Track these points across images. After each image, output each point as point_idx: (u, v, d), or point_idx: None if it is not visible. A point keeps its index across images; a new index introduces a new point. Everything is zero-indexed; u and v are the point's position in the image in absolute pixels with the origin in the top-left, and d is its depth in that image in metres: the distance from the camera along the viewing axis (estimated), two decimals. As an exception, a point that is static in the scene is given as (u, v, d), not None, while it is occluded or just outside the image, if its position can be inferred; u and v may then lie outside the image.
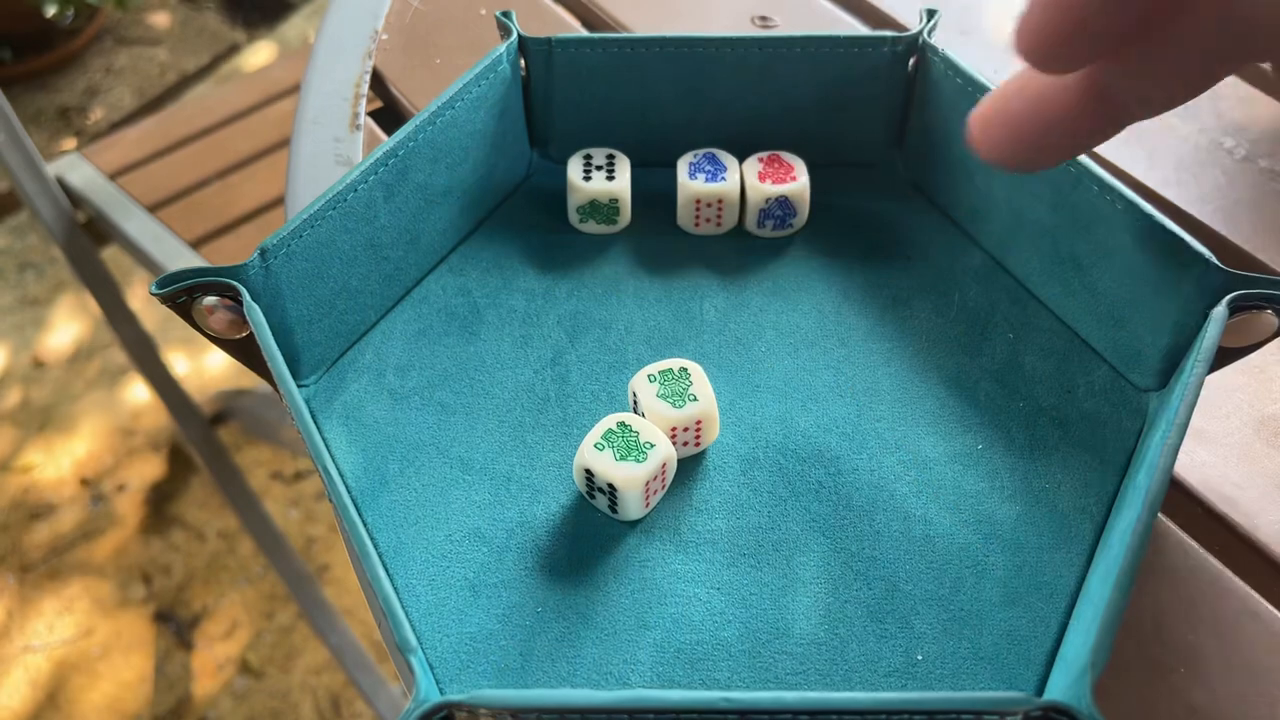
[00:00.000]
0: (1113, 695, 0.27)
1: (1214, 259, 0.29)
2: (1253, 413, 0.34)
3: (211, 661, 1.17)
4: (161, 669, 1.16)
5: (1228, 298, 0.29)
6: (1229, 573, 0.30)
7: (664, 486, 0.30)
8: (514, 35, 0.37)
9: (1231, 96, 0.45)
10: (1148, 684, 0.28)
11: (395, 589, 0.28)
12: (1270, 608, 0.29)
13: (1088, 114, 0.23)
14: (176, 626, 1.20)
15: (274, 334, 0.30)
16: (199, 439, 1.10)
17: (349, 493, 0.30)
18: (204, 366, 1.41)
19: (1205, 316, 0.29)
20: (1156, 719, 0.27)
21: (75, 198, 0.99)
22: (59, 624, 1.20)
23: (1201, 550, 0.30)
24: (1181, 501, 0.32)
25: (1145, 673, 0.28)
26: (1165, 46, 0.21)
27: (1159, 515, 0.31)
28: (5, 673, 1.17)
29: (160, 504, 1.30)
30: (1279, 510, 0.31)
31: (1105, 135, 0.24)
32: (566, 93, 0.38)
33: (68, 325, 1.50)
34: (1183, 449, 0.33)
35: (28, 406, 1.40)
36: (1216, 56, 0.21)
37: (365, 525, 0.30)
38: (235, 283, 0.30)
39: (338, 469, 0.31)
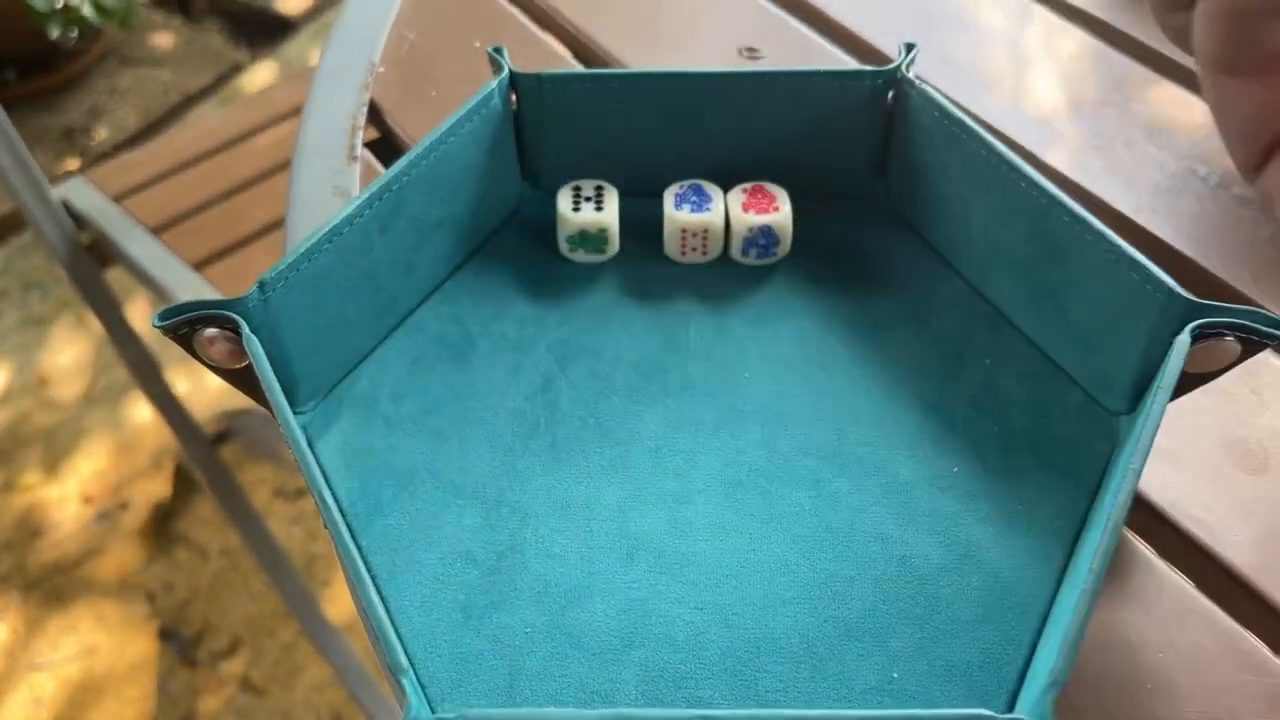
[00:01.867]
0: (1081, 712, 0.28)
1: (1178, 288, 0.30)
2: (1221, 436, 0.35)
3: (214, 679, 1.18)
4: (165, 687, 1.17)
5: (1190, 326, 0.30)
6: (1197, 593, 0.31)
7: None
8: (505, 71, 0.38)
9: (1205, 125, 0.46)
10: (1116, 701, 0.29)
11: (389, 611, 0.29)
12: (1237, 626, 0.30)
13: None
14: (179, 644, 1.21)
15: (272, 363, 0.31)
16: (201, 458, 1.11)
17: (344, 518, 0.31)
18: (206, 386, 1.42)
19: (1171, 343, 0.30)
20: (1123, 734, 0.28)
21: (79, 219, 1.00)
22: (63, 642, 1.21)
23: (1171, 570, 0.31)
24: (1151, 523, 0.33)
25: (1114, 691, 0.29)
26: None
27: (1130, 537, 0.32)
28: (10, 691, 1.18)
29: (163, 522, 1.31)
30: (1246, 531, 0.32)
31: None
32: (556, 126, 0.39)
33: (71, 345, 1.51)
34: (1153, 472, 0.34)
35: (31, 425, 1.42)
36: None
37: (360, 549, 0.31)
38: (234, 315, 0.31)
39: (333, 495, 0.32)
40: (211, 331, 0.31)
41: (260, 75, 1.98)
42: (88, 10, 1.70)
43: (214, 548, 1.28)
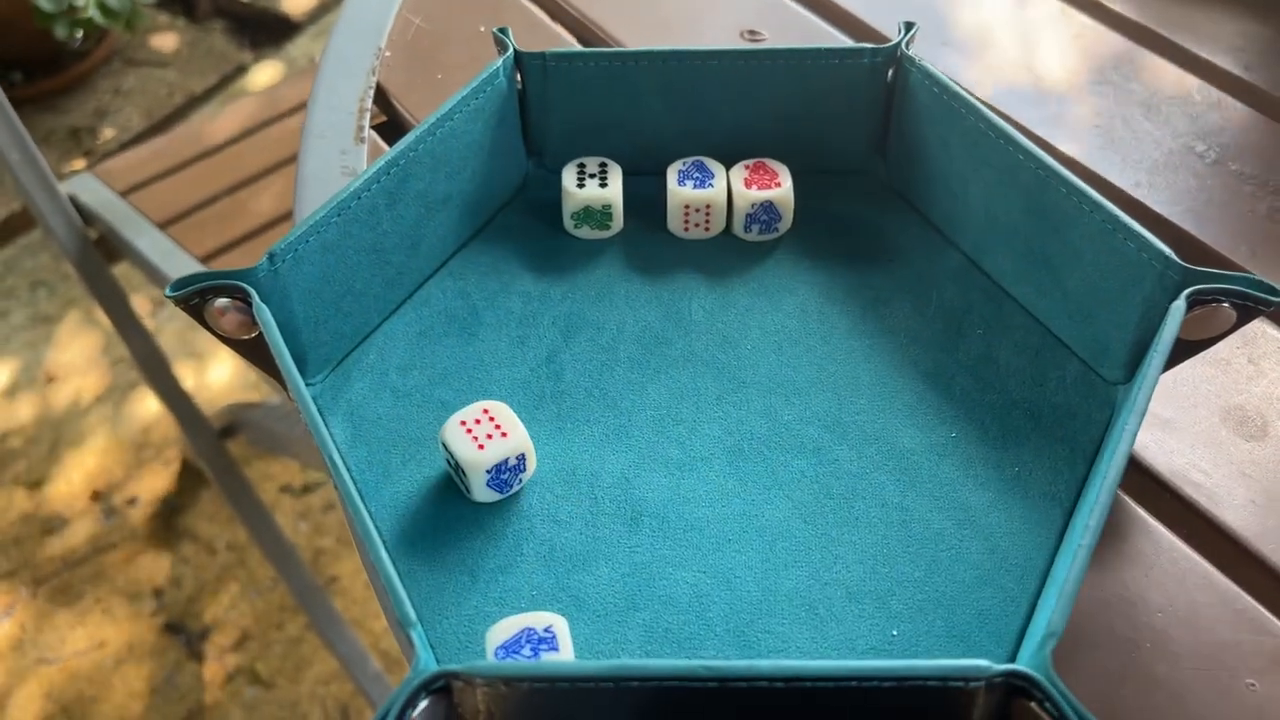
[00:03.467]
0: (1080, 669, 0.29)
1: (1174, 256, 0.31)
2: (1219, 403, 0.35)
3: (222, 672, 1.18)
4: (172, 680, 1.18)
5: (1186, 292, 0.30)
6: (1194, 554, 0.31)
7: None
8: (510, 50, 0.39)
9: (1203, 102, 0.47)
10: (1114, 659, 0.29)
11: (398, 572, 0.30)
12: (1234, 587, 0.31)
13: None
14: (187, 638, 1.21)
15: (282, 334, 0.32)
16: (209, 452, 1.12)
17: (354, 483, 0.32)
18: (213, 381, 1.43)
19: (1168, 310, 0.31)
20: (1122, 689, 0.28)
21: (87, 215, 1.01)
22: (71, 636, 1.22)
23: (1169, 533, 0.32)
24: (1150, 488, 0.33)
25: (1113, 649, 0.29)
26: None
27: (1129, 501, 0.33)
28: (19, 685, 1.18)
29: (170, 517, 1.32)
30: (1243, 494, 0.33)
31: None
32: (561, 104, 0.40)
33: (79, 342, 1.52)
34: (1152, 438, 0.34)
35: (40, 421, 1.42)
36: None
37: (370, 514, 0.31)
38: (245, 285, 0.31)
39: (344, 461, 0.32)
40: (223, 302, 0.32)
41: (264, 75, 1.98)
42: (93, 12, 1.71)
43: (221, 542, 1.29)
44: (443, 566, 0.30)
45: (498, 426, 0.31)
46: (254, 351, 0.33)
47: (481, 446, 0.31)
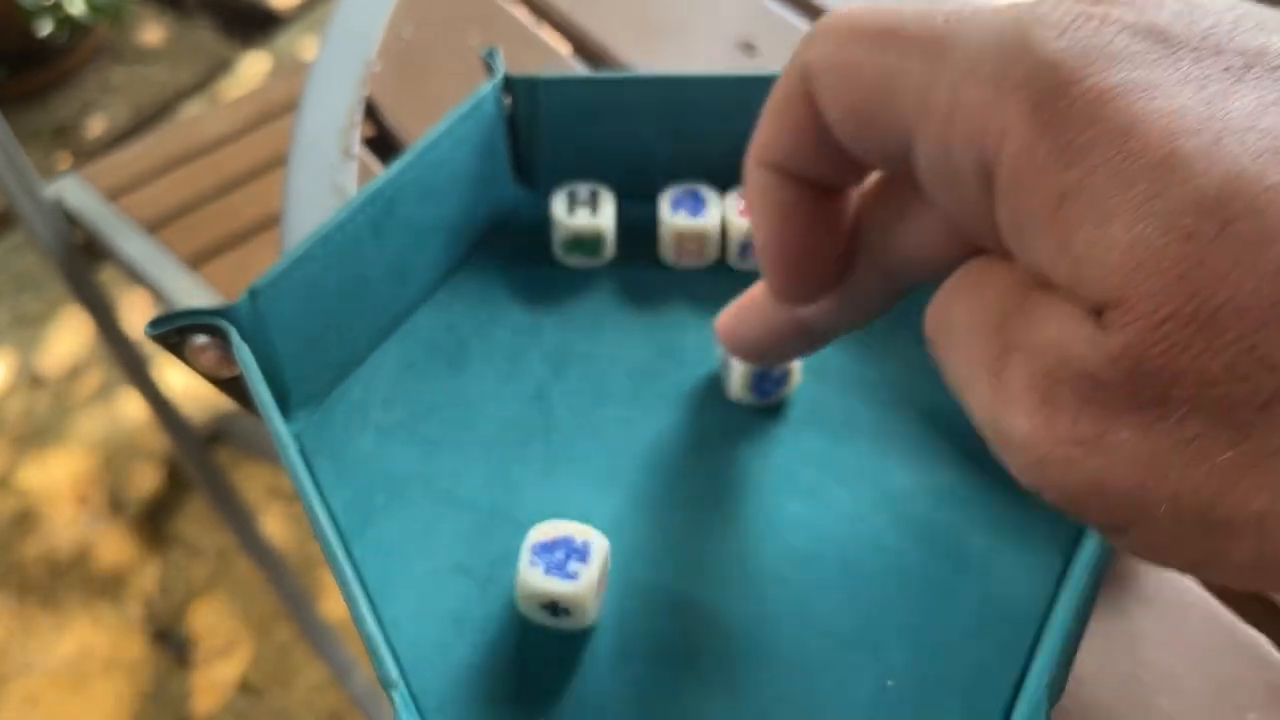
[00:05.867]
0: (1080, 702, 0.28)
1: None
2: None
3: (211, 680, 1.17)
4: (161, 688, 1.17)
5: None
6: (1197, 586, 0.31)
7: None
8: (499, 74, 0.38)
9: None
10: (1115, 692, 0.29)
11: (380, 622, 0.29)
12: (1238, 620, 0.30)
13: (790, 337, 0.29)
14: (175, 645, 1.20)
15: (263, 371, 0.31)
16: (195, 457, 1.11)
17: (336, 528, 0.31)
18: (200, 385, 1.42)
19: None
20: (1123, 745, 0.28)
21: (72, 218, 1.00)
22: (57, 643, 1.21)
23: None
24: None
25: (1115, 684, 0.29)
26: (849, 292, 0.27)
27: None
28: (4, 692, 1.17)
29: (158, 522, 1.31)
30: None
31: (813, 349, 0.30)
32: (551, 130, 0.39)
33: (64, 343, 1.51)
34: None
35: (25, 424, 1.41)
36: (886, 296, 0.26)
37: (352, 559, 0.30)
38: (224, 323, 0.31)
39: (324, 504, 0.31)
40: (202, 339, 0.31)
41: (252, 69, 1.97)
42: (78, 7, 1.70)
43: (208, 547, 1.28)
44: (427, 614, 0.29)
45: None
46: (234, 389, 0.32)
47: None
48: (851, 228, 0.26)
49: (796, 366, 0.34)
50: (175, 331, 0.31)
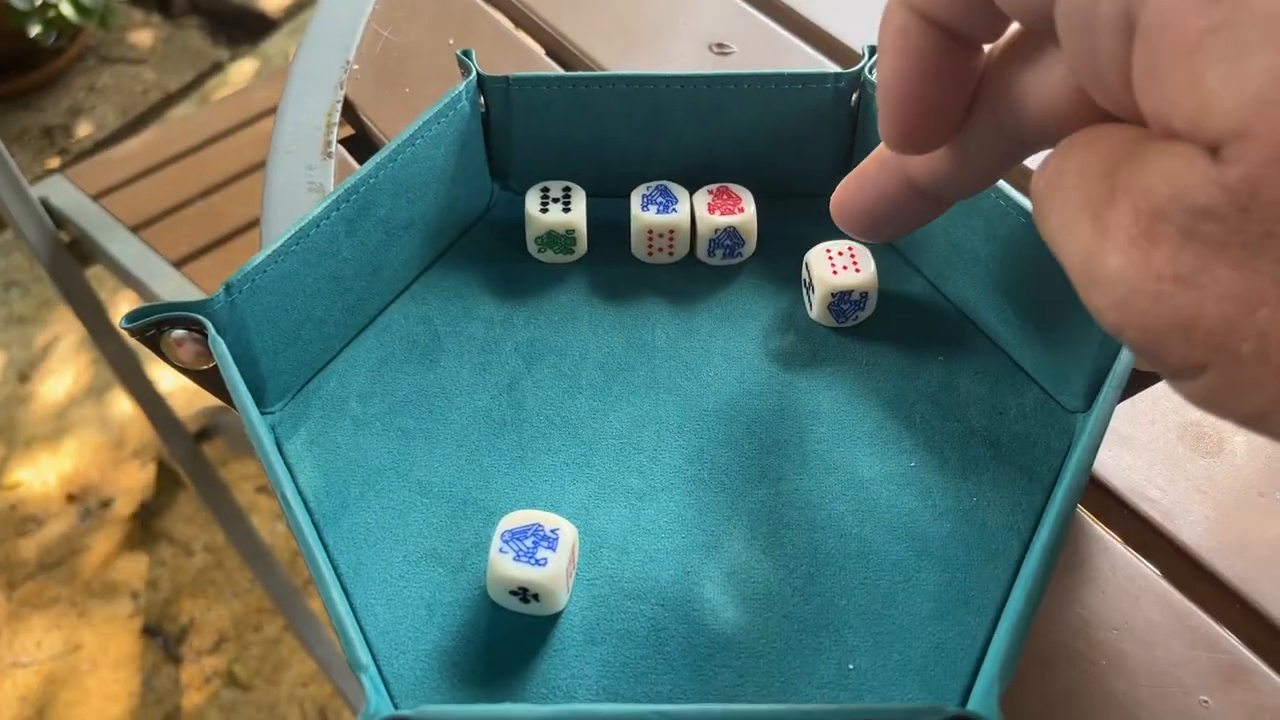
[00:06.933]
0: (1036, 686, 0.29)
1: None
2: (1176, 419, 0.36)
3: (199, 674, 1.18)
4: (150, 683, 1.17)
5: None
6: (1150, 570, 0.32)
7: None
8: (473, 74, 0.39)
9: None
10: (1070, 676, 0.29)
11: (354, 608, 0.30)
12: (1189, 604, 0.31)
13: (901, 202, 0.29)
14: (164, 640, 1.21)
15: (239, 364, 0.32)
16: (184, 454, 1.12)
17: (310, 517, 0.31)
18: (188, 383, 1.42)
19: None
20: (1077, 706, 0.29)
21: (59, 219, 1.00)
22: (47, 639, 1.21)
23: (1126, 550, 0.32)
24: (1108, 504, 0.34)
25: (1068, 666, 0.30)
26: (964, 150, 0.26)
27: (1087, 518, 0.33)
28: (-7, 689, 1.18)
29: (147, 519, 1.31)
30: (1199, 510, 0.33)
31: (926, 219, 0.30)
32: (525, 128, 0.40)
33: (54, 343, 1.51)
34: (1110, 455, 0.35)
35: (14, 423, 1.42)
36: (1001, 159, 0.26)
37: (326, 547, 0.31)
38: (200, 317, 0.31)
39: (299, 493, 0.32)
40: (179, 333, 0.32)
41: (240, 72, 1.97)
42: (67, 9, 1.70)
43: (198, 544, 1.28)
44: (400, 601, 0.30)
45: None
46: (212, 382, 0.33)
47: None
48: (976, 86, 0.25)
49: (872, 295, 0.35)
50: (153, 325, 0.31)
